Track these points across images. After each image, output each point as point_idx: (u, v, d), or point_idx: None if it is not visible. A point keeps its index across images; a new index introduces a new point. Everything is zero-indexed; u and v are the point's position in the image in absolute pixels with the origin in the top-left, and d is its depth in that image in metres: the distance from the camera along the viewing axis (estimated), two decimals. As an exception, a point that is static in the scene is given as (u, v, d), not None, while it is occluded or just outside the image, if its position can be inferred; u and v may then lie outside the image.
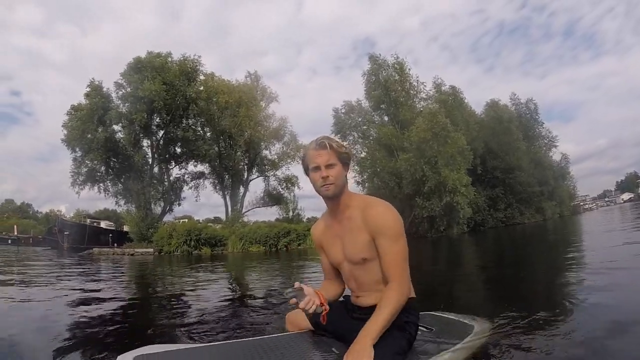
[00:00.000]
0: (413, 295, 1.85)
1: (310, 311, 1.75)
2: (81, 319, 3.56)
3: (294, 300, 1.74)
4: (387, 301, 1.63)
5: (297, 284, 1.78)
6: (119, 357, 1.63)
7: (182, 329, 3.09)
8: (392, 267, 1.68)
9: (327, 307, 1.82)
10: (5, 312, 4.30)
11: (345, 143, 1.94)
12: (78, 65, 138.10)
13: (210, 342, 2.18)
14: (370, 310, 1.78)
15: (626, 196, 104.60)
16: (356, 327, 1.76)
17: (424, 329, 2.21)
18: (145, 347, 1.77)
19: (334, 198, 1.82)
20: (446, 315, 2.73)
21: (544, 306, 3.43)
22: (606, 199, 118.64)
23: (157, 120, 28.31)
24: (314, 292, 1.80)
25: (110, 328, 3.13)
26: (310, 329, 2.03)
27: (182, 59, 28.52)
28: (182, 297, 5.19)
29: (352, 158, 1.99)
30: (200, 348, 1.83)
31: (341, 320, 1.94)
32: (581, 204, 72.58)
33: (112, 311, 3.93)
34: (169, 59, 28.04)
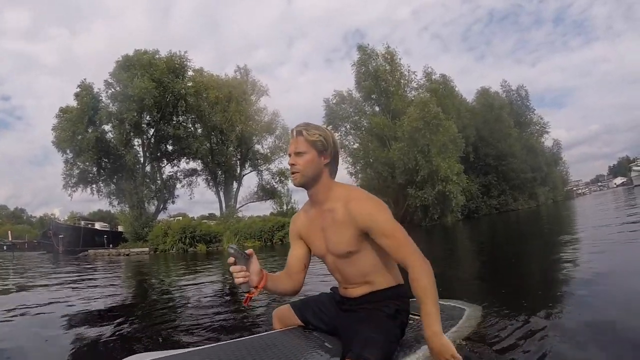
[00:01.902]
0: (401, 281, 1.82)
1: (237, 282, 1.62)
2: (69, 329, 3.51)
3: (231, 259, 1.61)
4: (423, 288, 1.55)
5: (250, 250, 1.67)
6: None
7: (172, 333, 3.06)
8: (400, 252, 1.60)
9: (256, 293, 1.69)
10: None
11: (325, 128, 1.84)
12: (69, 68, 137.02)
13: (199, 345, 2.13)
14: (359, 300, 1.76)
15: (619, 180, 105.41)
16: (347, 319, 1.73)
17: (415, 316, 2.20)
18: (132, 356, 1.72)
19: (307, 187, 1.74)
20: None
21: (536, 291, 3.45)
22: (599, 184, 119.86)
23: (148, 118, 28.10)
24: (258, 271, 1.69)
25: (99, 337, 3.07)
26: (300, 325, 2.00)
27: (168, 55, 28.32)
28: (173, 299, 5.15)
29: (331, 144, 1.76)
30: (189, 353, 1.79)
31: (330, 313, 1.91)
32: (574, 189, 73.24)
33: (102, 318, 3.87)
34: (157, 56, 27.80)
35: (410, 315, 1.92)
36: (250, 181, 56.47)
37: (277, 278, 1.84)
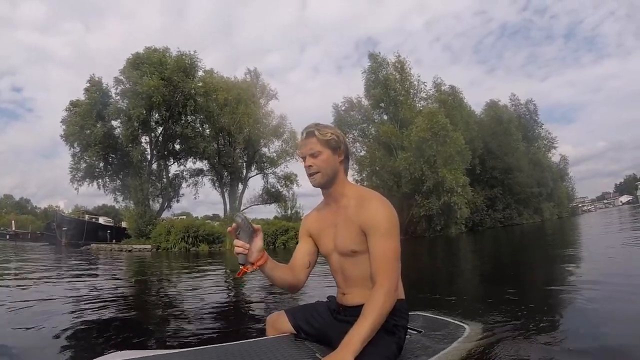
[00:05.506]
0: (402, 297, 1.78)
1: (235, 252, 1.60)
2: (61, 321, 3.49)
3: (233, 227, 1.58)
4: (372, 307, 1.50)
5: (257, 226, 1.63)
6: None
7: (162, 332, 3.06)
8: (380, 265, 1.56)
9: (251, 269, 1.64)
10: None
11: (332, 126, 1.80)
12: (82, 63, 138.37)
13: (186, 346, 2.11)
14: (356, 310, 1.69)
15: (625, 198, 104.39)
16: (341, 330, 1.67)
17: (414, 332, 2.15)
18: (113, 353, 1.69)
19: (326, 187, 1.74)
20: (436, 317, 2.67)
21: (538, 310, 3.40)
22: (605, 201, 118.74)
23: (156, 116, 28.25)
24: (259, 249, 1.64)
25: (90, 331, 3.08)
26: (292, 333, 1.97)
27: (178, 54, 28.39)
28: (168, 298, 5.16)
29: (343, 142, 1.73)
30: (173, 354, 1.75)
31: (324, 322, 1.88)
32: (579, 205, 72.66)
33: (96, 312, 3.86)
34: (167, 55, 27.94)
35: (409, 331, 1.88)
36: (255, 184, 56.80)
37: (278, 265, 1.78)
